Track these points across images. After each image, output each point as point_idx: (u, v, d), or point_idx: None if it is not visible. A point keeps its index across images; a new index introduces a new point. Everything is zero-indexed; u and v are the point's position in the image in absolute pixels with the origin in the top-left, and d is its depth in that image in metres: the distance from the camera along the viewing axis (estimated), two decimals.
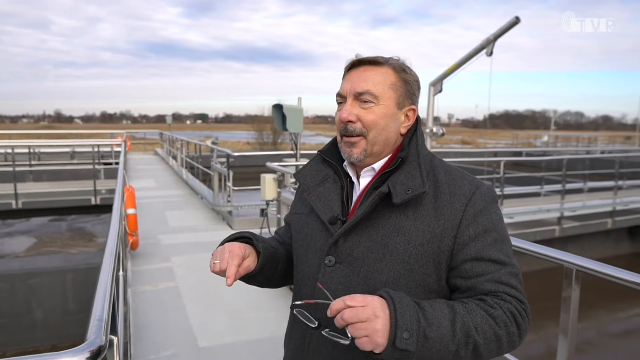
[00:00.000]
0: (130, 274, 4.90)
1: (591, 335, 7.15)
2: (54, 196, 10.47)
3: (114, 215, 2.39)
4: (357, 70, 1.08)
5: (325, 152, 1.18)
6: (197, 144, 12.41)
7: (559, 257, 1.82)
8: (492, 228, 1.01)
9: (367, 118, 1.05)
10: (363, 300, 0.85)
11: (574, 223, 9.27)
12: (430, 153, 1.11)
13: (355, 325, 0.84)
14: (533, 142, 36.60)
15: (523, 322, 0.96)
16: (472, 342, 0.89)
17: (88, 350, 0.96)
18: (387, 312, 0.85)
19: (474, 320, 0.90)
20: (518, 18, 5.45)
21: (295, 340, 1.13)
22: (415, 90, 1.11)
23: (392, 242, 1.00)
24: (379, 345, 0.83)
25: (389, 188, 1.00)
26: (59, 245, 10.11)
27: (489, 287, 0.97)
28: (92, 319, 1.10)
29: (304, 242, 1.13)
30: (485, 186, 1.05)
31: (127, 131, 23.61)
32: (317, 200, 1.11)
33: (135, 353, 3.29)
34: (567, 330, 1.83)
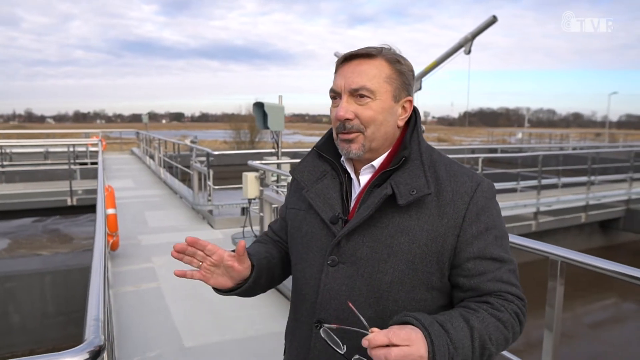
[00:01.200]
0: (111, 275, 4.81)
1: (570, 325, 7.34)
2: (28, 197, 10.20)
3: (98, 214, 2.35)
4: (350, 64, 1.05)
5: (321, 148, 1.15)
6: (175, 143, 12.26)
7: (544, 249, 1.86)
8: (493, 225, 1.02)
9: (365, 114, 1.02)
10: (407, 339, 0.82)
11: (550, 218, 9.50)
12: (429, 146, 1.10)
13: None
14: (508, 139, 37.23)
15: (524, 319, 0.99)
16: (486, 353, 0.92)
17: (87, 351, 0.95)
18: (427, 349, 0.83)
19: (488, 331, 0.92)
20: (495, 17, 5.53)
21: (299, 338, 1.11)
22: (410, 80, 1.09)
23: (396, 242, 0.99)
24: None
25: (393, 188, 0.99)
26: (35, 247, 9.86)
27: (491, 287, 0.98)
28: (88, 319, 1.09)
29: (304, 240, 1.11)
30: (486, 182, 1.05)
31: (102, 131, 23.14)
32: (316, 198, 1.08)
33: (120, 355, 3.24)
34: (552, 323, 1.88)
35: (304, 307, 1.10)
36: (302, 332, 1.10)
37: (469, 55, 5.80)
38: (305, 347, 1.08)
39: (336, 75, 1.07)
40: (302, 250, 1.12)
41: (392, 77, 1.05)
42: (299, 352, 1.11)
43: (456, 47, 5.88)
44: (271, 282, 1.20)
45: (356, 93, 1.02)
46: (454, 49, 5.92)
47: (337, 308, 1.02)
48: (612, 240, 11.13)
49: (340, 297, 1.02)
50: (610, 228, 11.01)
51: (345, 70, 1.05)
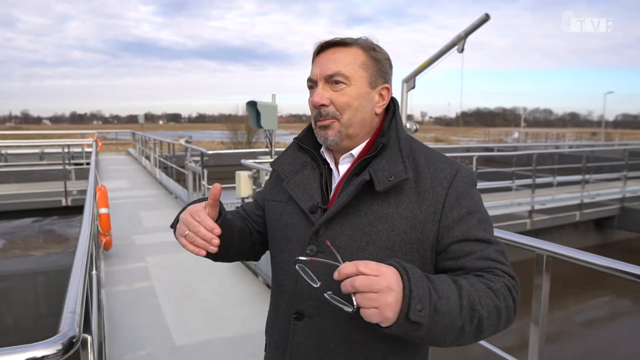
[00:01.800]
0: (104, 274, 4.80)
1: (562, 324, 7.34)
2: (23, 198, 10.18)
3: (85, 211, 2.34)
4: (325, 53, 1.06)
5: (301, 139, 1.15)
6: (170, 143, 12.25)
7: (530, 243, 1.86)
8: (475, 209, 1.01)
9: (340, 100, 1.03)
10: (377, 269, 0.80)
11: (544, 216, 9.53)
12: (408, 136, 1.09)
13: (365, 295, 0.78)
14: (504, 139, 37.31)
15: (517, 296, 0.96)
16: (477, 316, 0.87)
17: (60, 343, 0.95)
18: (401, 285, 0.80)
19: (477, 293, 0.88)
20: (488, 15, 5.54)
21: (279, 330, 1.10)
22: (387, 68, 1.08)
23: (375, 230, 0.98)
24: (388, 319, 0.79)
25: (371, 175, 0.98)
26: (29, 247, 9.83)
27: (480, 264, 0.96)
28: (64, 312, 1.08)
29: (284, 231, 1.10)
30: (466, 169, 1.05)
31: (98, 131, 23.15)
32: (296, 189, 1.08)
33: (111, 353, 3.23)
34: (539, 318, 1.88)
35: (283, 299, 1.09)
36: (281, 323, 1.09)
37: (462, 54, 5.81)
38: (284, 339, 1.07)
39: (313, 64, 1.08)
40: (281, 241, 1.11)
41: (368, 64, 1.05)
42: (278, 344, 1.10)
43: (449, 46, 5.89)
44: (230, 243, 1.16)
45: (331, 79, 1.03)
46: (447, 48, 5.93)
47: (316, 298, 1.00)
48: (607, 239, 11.17)
49: (319, 287, 1.01)
50: (605, 226, 11.05)
51: (322, 58, 1.06)
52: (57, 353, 0.94)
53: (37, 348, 0.92)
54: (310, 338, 1.03)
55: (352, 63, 1.03)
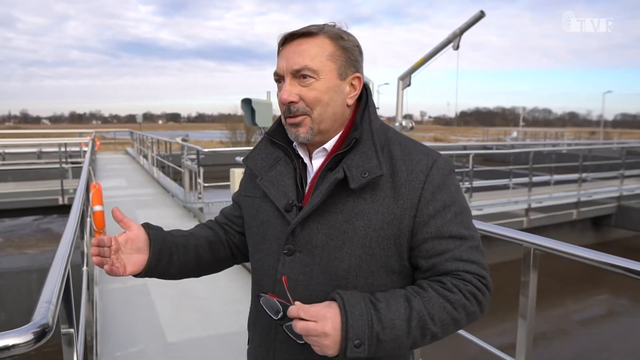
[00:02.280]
0: (98, 272, 4.79)
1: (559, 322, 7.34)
2: (19, 196, 10.17)
3: (74, 206, 2.33)
4: (291, 44, 1.00)
5: (272, 134, 1.11)
6: (167, 141, 12.24)
7: (517, 237, 1.85)
8: (451, 202, 0.98)
9: (309, 96, 0.98)
10: (315, 315, 0.87)
11: (541, 214, 9.53)
12: (383, 124, 1.06)
13: (307, 337, 0.88)
14: (503, 138, 37.32)
15: (484, 298, 0.96)
16: (429, 333, 0.91)
17: (32, 332, 0.94)
18: (339, 326, 0.87)
19: (430, 311, 0.90)
20: (483, 12, 5.52)
21: (262, 327, 1.09)
22: (357, 56, 1.03)
23: (351, 227, 0.96)
24: (330, 355, 0.88)
25: (345, 172, 0.95)
26: (25, 245, 9.83)
27: (449, 266, 0.95)
28: (39, 302, 1.07)
29: (260, 229, 1.08)
30: (442, 158, 1.01)
31: (97, 131, 23.09)
32: (270, 186, 1.05)
33: (102, 350, 3.22)
34: (527, 313, 1.87)
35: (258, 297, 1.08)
36: (264, 321, 1.07)
37: (458, 52, 5.80)
38: (270, 337, 1.06)
39: (279, 57, 1.03)
40: (258, 239, 1.09)
41: (336, 54, 1.00)
42: (262, 342, 1.09)
43: (445, 43, 5.88)
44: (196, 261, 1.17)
45: (299, 74, 0.98)
46: (443, 45, 5.91)
47: (296, 298, 0.98)
48: (604, 237, 11.18)
49: (298, 286, 0.99)
50: (602, 225, 11.06)
51: (287, 51, 1.01)
52: (28, 342, 0.93)
53: (7, 336, 0.91)
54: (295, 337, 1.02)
55: (319, 55, 0.98)
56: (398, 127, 6.78)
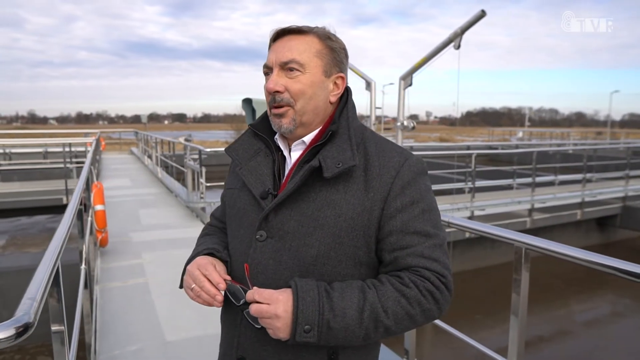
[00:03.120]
0: (99, 271, 4.82)
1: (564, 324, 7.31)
2: (24, 196, 10.24)
3: (70, 205, 2.35)
4: (282, 40, 1.07)
5: (256, 126, 1.16)
6: (170, 141, 12.29)
7: (509, 236, 1.85)
8: (420, 199, 1.02)
9: (294, 87, 1.03)
10: (269, 298, 0.93)
11: (545, 215, 9.48)
12: (361, 125, 1.11)
13: (262, 320, 0.94)
14: (508, 138, 37.17)
15: (442, 296, 0.98)
16: (381, 326, 0.93)
17: (13, 327, 0.95)
18: (290, 310, 0.92)
19: (384, 304, 0.93)
20: (484, 12, 5.51)
21: (230, 316, 1.12)
22: (342, 57, 1.09)
23: (322, 215, 0.99)
24: (283, 339, 0.93)
25: (320, 162, 0.99)
26: (29, 245, 9.90)
27: (410, 262, 0.98)
28: (24, 298, 1.09)
29: (237, 217, 1.12)
30: (415, 157, 1.05)
31: (103, 131, 23.19)
32: (248, 175, 1.09)
33: (101, 348, 3.24)
34: (518, 310, 1.86)
35: None
36: (230, 310, 1.10)
37: (459, 52, 5.77)
38: (235, 325, 1.09)
39: (269, 51, 1.09)
40: (234, 227, 1.12)
41: (323, 53, 1.06)
42: (229, 330, 1.12)
43: (446, 42, 5.86)
44: None
45: (286, 66, 1.04)
46: (444, 44, 5.89)
47: (264, 282, 1.01)
48: (609, 238, 11.11)
49: (268, 271, 1.02)
50: (607, 225, 10.99)
51: (277, 45, 1.07)
52: (9, 337, 0.94)
53: None
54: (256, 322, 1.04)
55: (307, 51, 1.04)
56: (399, 126, 6.77)
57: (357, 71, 8.15)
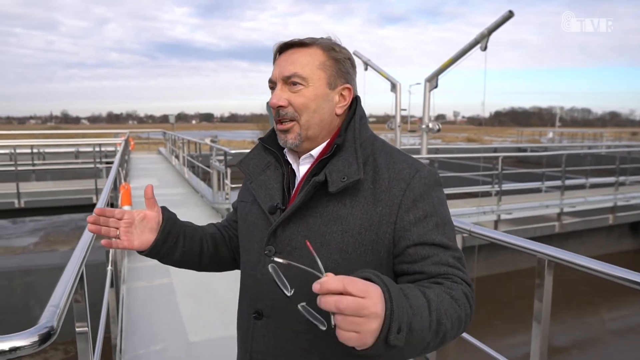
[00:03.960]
0: (126, 270, 4.94)
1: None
2: (56, 195, 10.56)
3: (97, 205, 2.41)
4: (285, 53, 1.06)
5: (265, 140, 1.15)
6: (197, 142, 12.46)
7: (532, 247, 1.81)
8: (433, 212, 0.98)
9: (297, 101, 1.02)
10: (365, 290, 0.71)
11: (575, 219, 9.23)
12: (372, 135, 1.08)
13: (349, 319, 0.70)
14: (538, 139, 36.35)
15: (473, 303, 0.95)
16: (442, 330, 0.83)
17: (37, 334, 0.98)
18: (384, 307, 0.73)
19: (444, 305, 0.84)
20: (511, 12, 5.41)
21: (242, 328, 1.12)
22: (348, 68, 1.07)
23: (329, 231, 0.98)
24: (366, 345, 0.72)
25: (326, 176, 0.98)
26: (59, 242, 10.20)
27: (437, 270, 0.94)
28: (48, 305, 1.12)
29: (248, 232, 1.12)
30: (427, 169, 1.02)
31: (132, 131, 23.67)
32: (258, 189, 1.09)
33: (126, 347, 3.31)
34: (540, 318, 1.83)
35: (245, 298, 1.12)
36: (244, 323, 1.11)
37: (486, 53, 5.68)
38: (248, 339, 1.08)
39: (274, 65, 1.08)
40: (245, 241, 1.13)
41: (327, 64, 1.04)
42: (242, 343, 1.12)
43: (472, 44, 5.77)
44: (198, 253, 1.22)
45: (289, 80, 1.03)
46: (470, 46, 5.81)
47: (273, 298, 1.01)
48: None
49: (276, 288, 1.00)
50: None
51: (281, 59, 1.06)
52: (33, 344, 0.97)
53: (13, 339, 0.96)
54: (268, 337, 1.04)
55: (309, 64, 1.03)
56: (425, 129, 6.71)
57: (382, 73, 8.12)
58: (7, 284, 5.63)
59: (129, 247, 1.10)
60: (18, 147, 12.11)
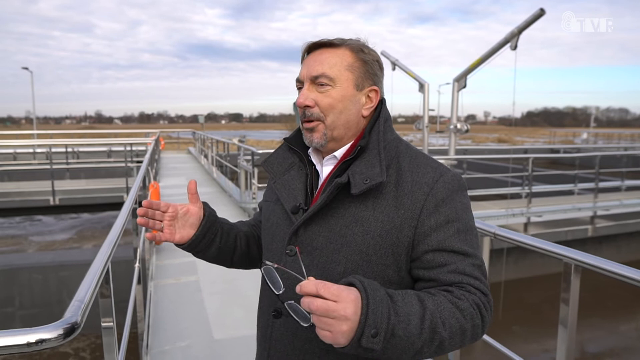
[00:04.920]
0: (154, 268, 5.04)
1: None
2: (89, 193, 10.87)
3: (125, 205, 2.48)
4: (314, 53, 1.06)
5: (290, 140, 1.16)
6: (225, 142, 12.61)
7: (557, 251, 1.77)
8: (455, 218, 0.97)
9: (324, 102, 1.03)
10: (337, 295, 0.78)
11: (609, 222, 8.96)
12: (397, 138, 1.08)
13: (322, 319, 0.78)
14: (572, 140, 35.38)
15: (487, 314, 0.94)
16: (438, 338, 0.86)
17: (62, 327, 1.01)
18: (359, 312, 0.79)
19: (442, 315, 0.87)
20: (543, 10, 5.28)
21: (262, 327, 1.14)
22: (376, 70, 1.07)
23: (350, 232, 0.98)
24: (340, 345, 0.80)
25: (349, 177, 0.98)
26: (90, 239, 10.49)
27: (452, 278, 0.94)
28: (73, 300, 1.16)
29: (270, 231, 1.13)
30: (451, 173, 1.01)
31: (162, 131, 24.17)
32: (282, 189, 1.10)
33: (153, 343, 3.39)
34: (567, 323, 1.79)
35: (265, 297, 1.13)
36: (263, 321, 1.12)
37: (516, 52, 5.56)
38: (267, 336, 1.10)
39: (302, 65, 1.08)
40: (268, 240, 1.14)
41: (355, 66, 1.04)
42: (262, 340, 1.13)
43: (502, 43, 5.65)
44: (232, 250, 1.24)
45: (317, 81, 1.03)
46: (500, 45, 5.69)
47: (293, 297, 1.02)
48: None
49: (294, 285, 1.02)
50: None
51: (309, 59, 1.06)
52: (58, 337, 1.00)
53: (39, 331, 0.99)
54: (287, 336, 1.05)
55: (337, 65, 1.03)
56: (453, 129, 6.62)
57: (410, 73, 8.05)
58: (42, 278, 5.83)
59: (169, 240, 1.12)
60: (54, 147, 12.49)
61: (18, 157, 15.71)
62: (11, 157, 15.57)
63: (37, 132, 21.65)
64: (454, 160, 6.34)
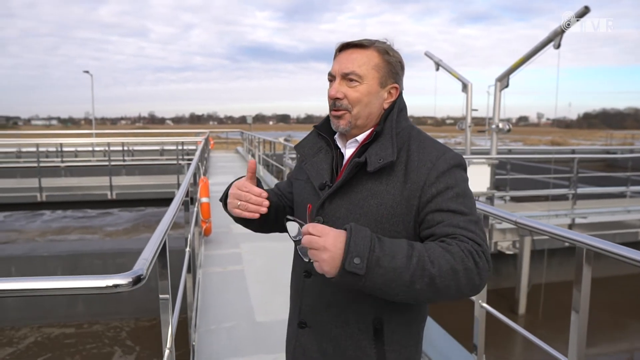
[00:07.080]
0: (202, 257, 5.37)
1: None
2: (143, 189, 11.51)
3: (178, 192, 2.75)
4: (345, 52, 1.22)
5: (319, 127, 1.35)
6: (272, 142, 12.98)
7: (569, 236, 1.89)
8: (454, 185, 1.12)
9: (352, 96, 1.20)
10: (321, 231, 1.00)
11: None
12: (410, 126, 1.25)
13: (311, 251, 1.00)
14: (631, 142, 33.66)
15: (481, 260, 1.03)
16: (427, 275, 0.97)
17: (131, 277, 1.26)
18: (340, 245, 0.98)
19: (430, 255, 0.99)
20: (587, 8, 5.21)
21: (295, 285, 1.35)
22: (398, 70, 1.24)
23: (367, 204, 1.16)
24: (327, 273, 0.99)
25: (366, 158, 1.16)
26: (147, 231, 11.11)
27: (446, 231, 1.07)
28: (140, 258, 1.41)
29: (301, 205, 1.32)
30: (453, 153, 1.18)
31: (212, 131, 24.99)
32: (311, 169, 1.29)
33: (200, 323, 3.68)
34: (579, 308, 1.89)
35: (297, 263, 1.34)
36: (296, 281, 1.34)
37: (558, 51, 5.52)
38: (299, 292, 1.31)
39: (334, 61, 1.27)
40: (300, 213, 1.33)
41: (380, 66, 1.21)
42: (294, 297, 1.35)
43: (545, 42, 5.61)
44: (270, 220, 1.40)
45: (347, 77, 1.20)
46: (543, 44, 5.63)
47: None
48: None
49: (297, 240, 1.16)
50: None
51: (341, 57, 1.23)
52: (128, 284, 1.25)
53: (115, 278, 1.24)
54: (315, 292, 1.26)
55: (366, 64, 1.20)
56: (494, 129, 6.63)
57: (454, 73, 8.08)
58: (102, 263, 6.32)
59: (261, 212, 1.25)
60: (112, 145, 13.28)
61: (79, 155, 16.78)
62: (73, 155, 16.65)
63: (96, 132, 22.91)
64: (495, 160, 6.32)
